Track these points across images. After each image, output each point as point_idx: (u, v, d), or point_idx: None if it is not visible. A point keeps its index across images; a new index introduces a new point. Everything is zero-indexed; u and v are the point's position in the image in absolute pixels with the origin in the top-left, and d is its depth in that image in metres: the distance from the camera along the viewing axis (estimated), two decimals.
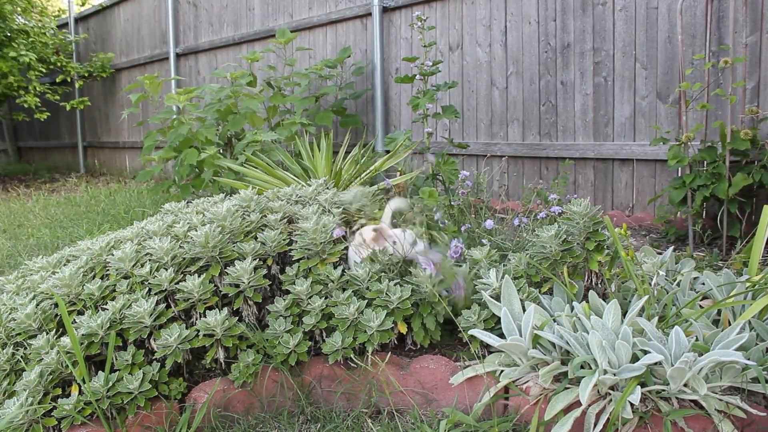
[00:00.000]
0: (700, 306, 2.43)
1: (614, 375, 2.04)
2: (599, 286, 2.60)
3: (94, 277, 2.58)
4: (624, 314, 2.25)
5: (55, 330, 2.42)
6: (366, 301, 2.42)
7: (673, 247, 2.93)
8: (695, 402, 2.05)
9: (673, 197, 3.65)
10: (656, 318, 2.25)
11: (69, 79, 9.64)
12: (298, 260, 2.55)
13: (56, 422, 2.21)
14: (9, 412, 2.15)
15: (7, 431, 2.18)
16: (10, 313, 2.49)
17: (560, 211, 2.72)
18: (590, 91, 4.52)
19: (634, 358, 2.08)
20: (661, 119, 4.17)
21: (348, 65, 6.13)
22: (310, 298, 2.43)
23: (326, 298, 2.44)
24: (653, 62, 4.19)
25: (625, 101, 4.34)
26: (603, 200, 4.54)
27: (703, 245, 3.69)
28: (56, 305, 2.48)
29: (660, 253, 2.77)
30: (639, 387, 2.00)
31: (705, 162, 3.59)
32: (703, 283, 2.64)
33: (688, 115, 3.69)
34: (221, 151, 5.23)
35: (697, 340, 2.15)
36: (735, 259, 3.26)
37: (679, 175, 3.80)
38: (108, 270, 2.57)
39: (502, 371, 2.25)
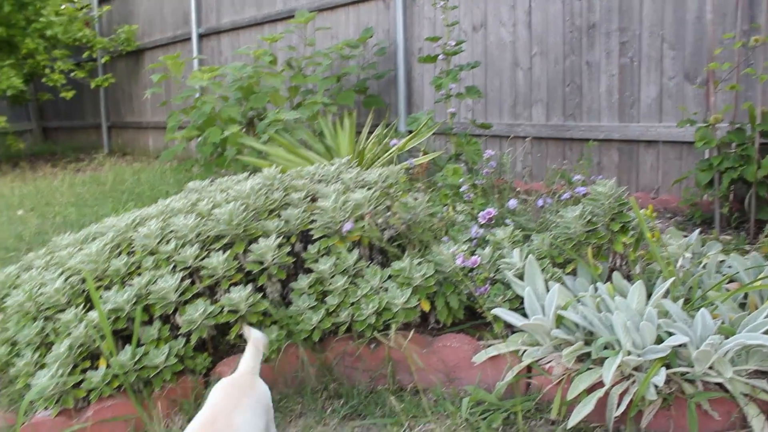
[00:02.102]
0: (727, 289, 2.40)
1: (638, 356, 2.03)
2: (624, 267, 2.58)
3: (120, 253, 2.61)
4: (649, 296, 2.23)
5: (83, 305, 2.46)
6: (389, 276, 2.44)
7: (699, 229, 2.89)
8: (720, 385, 2.04)
9: (700, 179, 3.60)
10: (681, 300, 2.23)
11: (94, 55, 9.70)
12: (319, 238, 2.56)
13: (85, 394, 2.25)
14: (40, 383, 2.20)
15: (38, 401, 2.23)
16: (39, 288, 2.54)
17: (585, 191, 2.70)
18: (616, 71, 4.46)
19: (659, 340, 2.07)
20: (689, 100, 4.10)
21: (370, 45, 6.10)
22: (332, 276, 2.44)
23: (348, 276, 2.45)
24: (681, 42, 4.11)
25: (651, 82, 4.28)
26: (627, 182, 4.49)
27: (730, 228, 3.64)
28: (84, 280, 2.51)
29: (686, 236, 2.74)
30: (663, 368, 1.99)
31: (733, 144, 3.53)
32: (730, 267, 2.61)
33: (716, 96, 3.63)
34: (244, 130, 5.24)
35: (723, 323, 2.13)
36: (763, 243, 3.21)
37: (707, 157, 3.74)
38: (134, 246, 2.61)
39: (524, 351, 2.25)
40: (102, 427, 2.20)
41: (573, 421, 2.03)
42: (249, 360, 1.94)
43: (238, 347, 2.51)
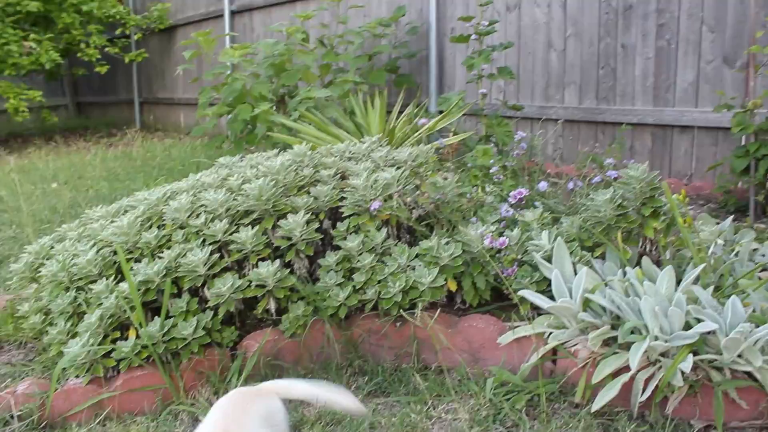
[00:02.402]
0: (759, 278, 2.36)
1: (666, 342, 2.01)
2: (653, 253, 2.55)
3: (150, 226, 2.65)
4: (678, 282, 2.20)
5: (113, 276, 2.50)
6: (416, 255, 2.44)
7: (732, 217, 2.84)
8: (749, 374, 2.01)
9: (735, 166, 3.53)
10: (712, 287, 2.20)
11: (127, 32, 9.78)
12: (348, 216, 2.57)
13: (115, 363, 2.30)
14: (73, 351, 2.25)
15: (70, 369, 2.29)
16: (72, 259, 2.59)
17: (616, 175, 2.66)
18: (652, 54, 4.37)
19: (687, 326, 2.05)
20: (727, 85, 4.01)
21: (402, 24, 6.05)
22: (360, 254, 2.45)
23: (376, 254, 2.46)
24: (721, 24, 4.01)
25: (688, 66, 4.19)
26: (660, 167, 4.42)
27: (765, 217, 3.57)
28: (115, 253, 2.56)
29: (718, 223, 2.69)
30: (691, 355, 1.97)
31: None
32: (764, 255, 2.57)
33: (756, 81, 3.54)
34: (274, 107, 5.25)
35: (754, 311, 2.10)
36: None
37: (743, 143, 3.66)
38: (164, 220, 2.64)
39: (550, 333, 2.24)
40: (131, 396, 2.25)
41: (597, 404, 2.03)
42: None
43: (264, 322, 2.54)
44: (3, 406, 2.23)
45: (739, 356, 1.99)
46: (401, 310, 2.37)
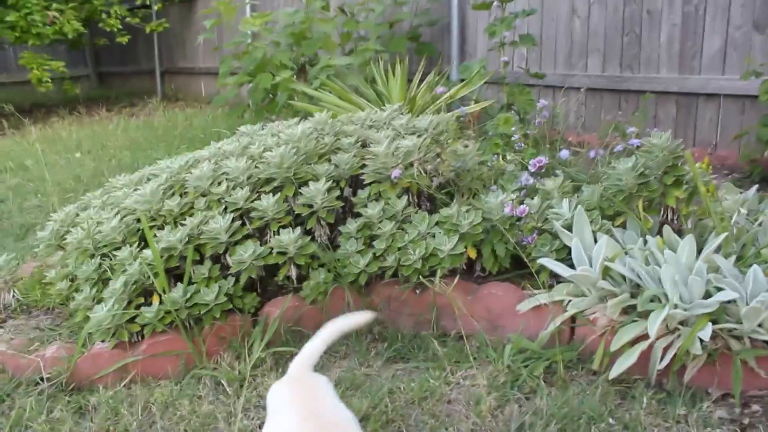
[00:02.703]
0: None
1: (685, 310, 2.01)
2: (675, 222, 2.53)
3: (173, 194, 2.67)
4: (699, 251, 2.19)
5: (137, 243, 2.54)
6: (436, 222, 2.45)
7: (757, 186, 2.80)
8: None
9: (762, 134, 3.47)
10: (734, 257, 2.18)
11: (148, 2, 9.78)
12: (369, 184, 2.58)
13: (139, 328, 2.35)
14: (98, 316, 2.30)
15: (96, 333, 2.34)
16: (96, 227, 2.63)
17: (638, 144, 2.63)
18: (678, 20, 4.28)
19: (707, 295, 2.04)
20: (756, 51, 3.92)
21: None
22: (380, 222, 2.46)
23: (396, 222, 2.47)
24: None
25: (716, 32, 4.10)
26: (684, 136, 4.36)
27: None
28: (138, 220, 2.59)
29: (742, 192, 2.66)
30: (710, 324, 1.96)
31: None
32: None
33: None
34: (295, 76, 5.24)
35: None
36: None
37: None
38: (186, 188, 2.67)
39: (569, 301, 2.25)
40: (155, 361, 2.30)
41: (615, 372, 2.04)
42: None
43: (285, 289, 2.57)
44: (33, 369, 2.30)
45: (759, 325, 1.98)
46: (421, 277, 2.39)
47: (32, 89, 8.47)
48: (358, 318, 1.87)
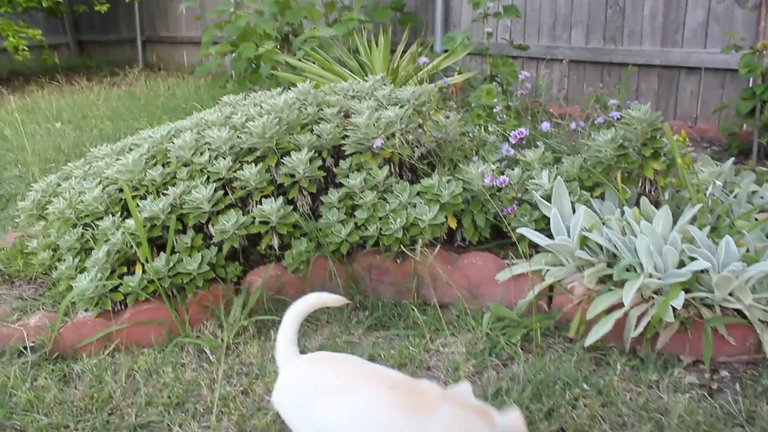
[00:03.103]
0: (756, 219, 2.39)
1: (659, 279, 2.06)
2: (652, 194, 2.57)
3: (155, 164, 2.67)
4: (675, 222, 2.24)
5: (119, 213, 2.54)
6: (418, 192, 2.47)
7: (733, 159, 2.85)
8: (738, 311, 2.06)
9: (741, 108, 3.52)
10: (708, 228, 2.23)
11: None
12: (351, 154, 2.59)
13: (122, 297, 2.36)
14: (81, 285, 2.31)
15: (79, 303, 2.35)
16: (78, 196, 2.62)
17: (619, 116, 2.66)
18: None
19: (681, 265, 2.09)
20: (737, 25, 3.95)
21: None
22: (362, 192, 2.48)
23: (378, 192, 2.49)
24: None
25: (698, 5, 4.12)
26: (665, 109, 4.40)
27: None
28: (120, 190, 2.59)
29: (719, 165, 2.70)
30: (683, 292, 2.01)
31: None
32: (762, 197, 2.59)
33: (767, 20, 3.49)
34: (279, 46, 5.20)
35: (747, 251, 2.13)
36: None
37: (750, 85, 3.64)
38: (168, 158, 2.66)
39: (547, 270, 2.29)
40: (138, 329, 2.32)
41: (590, 339, 2.09)
42: None
43: (267, 258, 2.59)
44: (16, 338, 2.30)
45: (730, 294, 2.04)
46: (402, 247, 2.42)
47: (9, 57, 8.32)
48: (332, 299, 1.86)
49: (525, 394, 1.91)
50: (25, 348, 2.29)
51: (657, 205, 2.43)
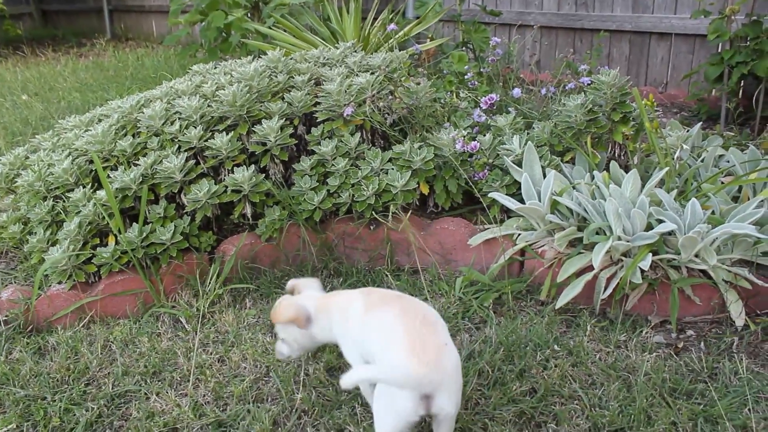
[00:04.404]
0: (722, 182, 2.43)
1: (628, 242, 2.10)
2: (622, 158, 2.61)
3: (125, 134, 2.64)
4: (644, 186, 2.27)
5: (90, 184, 2.51)
6: (390, 159, 2.48)
7: (702, 124, 2.89)
8: (704, 272, 2.11)
9: (709, 73, 3.56)
10: (675, 191, 2.27)
11: None
12: (323, 121, 2.58)
13: (96, 269, 2.35)
14: (54, 257, 2.29)
15: (53, 275, 2.34)
16: (48, 169, 2.59)
17: (589, 82, 2.68)
18: None
19: (649, 227, 2.13)
20: None
21: None
22: (334, 159, 2.48)
23: (350, 159, 2.49)
24: None
25: None
26: (637, 75, 4.44)
27: (735, 125, 3.63)
28: (91, 161, 2.56)
29: (688, 130, 2.74)
30: (650, 254, 2.06)
31: (748, 38, 3.45)
32: (728, 161, 2.63)
33: None
34: (249, 14, 5.12)
35: (713, 213, 2.18)
36: (764, 139, 3.22)
37: (719, 51, 3.67)
38: (139, 128, 2.63)
39: (519, 235, 2.32)
40: (113, 300, 2.32)
41: (561, 302, 2.13)
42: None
43: (241, 227, 2.59)
44: None
45: (696, 255, 2.08)
46: (374, 213, 2.43)
47: None
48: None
49: (497, 356, 1.95)
50: None
51: (626, 169, 2.46)
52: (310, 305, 1.77)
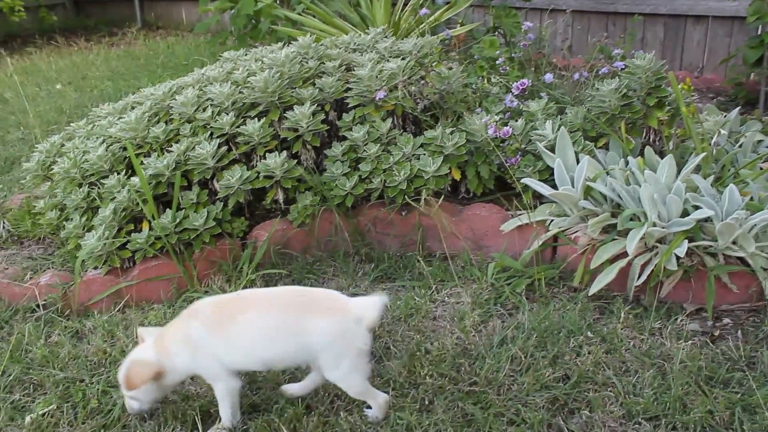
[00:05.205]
0: (761, 168, 2.38)
1: (663, 228, 2.06)
2: (657, 144, 2.57)
3: (158, 121, 2.67)
4: (680, 172, 2.24)
5: (124, 171, 2.55)
6: (421, 144, 2.47)
7: (740, 108, 2.83)
8: (742, 260, 2.07)
9: (748, 57, 3.48)
10: (712, 177, 2.23)
11: None
12: (354, 107, 2.58)
13: (130, 254, 2.39)
14: (90, 243, 2.33)
15: (88, 260, 2.38)
16: (83, 156, 2.63)
17: (623, 66, 2.64)
18: None
19: (685, 214, 2.10)
20: None
21: None
22: (366, 144, 2.48)
23: (382, 144, 2.49)
24: None
25: None
26: (671, 59, 4.35)
27: None
28: (124, 148, 2.59)
29: (725, 115, 2.68)
30: (686, 241, 2.02)
31: None
32: None
33: None
34: (278, 1, 5.12)
35: (752, 200, 2.13)
36: None
37: (759, 33, 3.59)
38: (171, 115, 2.66)
39: (551, 221, 2.30)
40: (147, 285, 2.35)
41: (594, 288, 2.11)
42: None
43: (273, 213, 2.60)
44: (28, 297, 2.34)
45: (734, 243, 2.04)
46: (407, 198, 2.43)
47: (5, 19, 8.21)
48: None
49: (530, 342, 1.94)
50: (38, 306, 2.32)
51: (661, 155, 2.42)
52: (153, 354, 1.68)
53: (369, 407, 1.73)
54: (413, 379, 1.84)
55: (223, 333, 1.63)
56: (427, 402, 1.76)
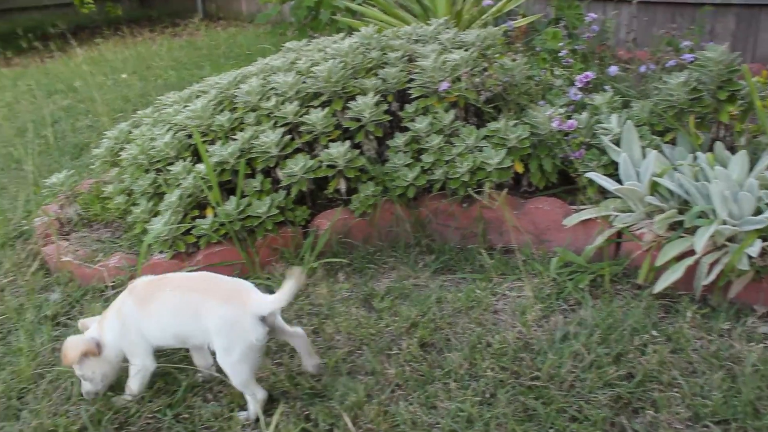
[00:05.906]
0: None
1: (734, 226, 2.00)
2: (727, 139, 2.49)
3: (223, 110, 2.72)
4: (752, 168, 2.16)
5: (190, 158, 2.60)
6: (484, 136, 2.45)
7: None
8: None
9: None
10: None
11: None
12: (416, 98, 2.58)
13: (195, 240, 2.44)
14: (156, 228, 2.40)
15: (154, 245, 2.44)
16: (150, 143, 2.70)
17: (692, 59, 2.56)
18: None
19: (758, 212, 2.03)
20: None
21: None
22: (428, 135, 2.48)
23: (444, 135, 2.48)
24: None
25: None
26: (743, 51, 4.19)
27: None
28: (189, 136, 2.65)
29: None
30: (759, 240, 1.96)
31: None
32: None
33: None
34: None
35: None
36: None
37: None
38: (236, 103, 2.70)
39: (616, 216, 2.25)
40: (210, 270, 2.39)
41: (659, 286, 2.06)
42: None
43: (334, 202, 2.63)
44: (98, 278, 2.43)
45: None
46: (468, 190, 2.41)
47: (75, 11, 8.48)
48: None
49: (593, 338, 1.91)
50: (106, 287, 2.40)
51: (732, 151, 2.35)
52: (94, 332, 1.86)
53: (245, 409, 1.78)
54: (474, 372, 1.84)
55: (146, 309, 1.81)
56: (488, 395, 1.76)
